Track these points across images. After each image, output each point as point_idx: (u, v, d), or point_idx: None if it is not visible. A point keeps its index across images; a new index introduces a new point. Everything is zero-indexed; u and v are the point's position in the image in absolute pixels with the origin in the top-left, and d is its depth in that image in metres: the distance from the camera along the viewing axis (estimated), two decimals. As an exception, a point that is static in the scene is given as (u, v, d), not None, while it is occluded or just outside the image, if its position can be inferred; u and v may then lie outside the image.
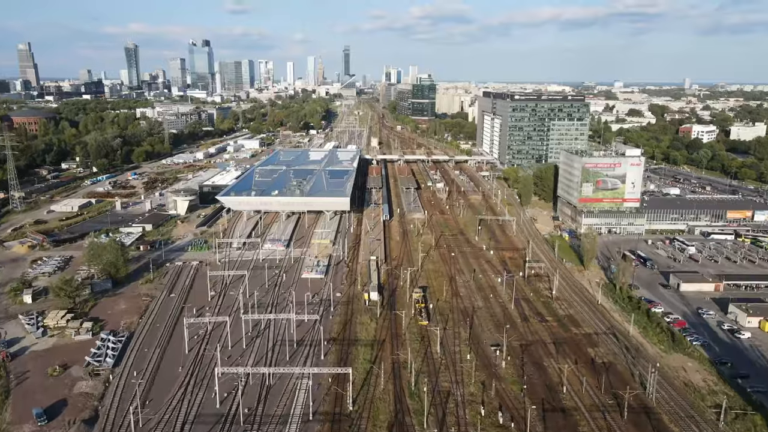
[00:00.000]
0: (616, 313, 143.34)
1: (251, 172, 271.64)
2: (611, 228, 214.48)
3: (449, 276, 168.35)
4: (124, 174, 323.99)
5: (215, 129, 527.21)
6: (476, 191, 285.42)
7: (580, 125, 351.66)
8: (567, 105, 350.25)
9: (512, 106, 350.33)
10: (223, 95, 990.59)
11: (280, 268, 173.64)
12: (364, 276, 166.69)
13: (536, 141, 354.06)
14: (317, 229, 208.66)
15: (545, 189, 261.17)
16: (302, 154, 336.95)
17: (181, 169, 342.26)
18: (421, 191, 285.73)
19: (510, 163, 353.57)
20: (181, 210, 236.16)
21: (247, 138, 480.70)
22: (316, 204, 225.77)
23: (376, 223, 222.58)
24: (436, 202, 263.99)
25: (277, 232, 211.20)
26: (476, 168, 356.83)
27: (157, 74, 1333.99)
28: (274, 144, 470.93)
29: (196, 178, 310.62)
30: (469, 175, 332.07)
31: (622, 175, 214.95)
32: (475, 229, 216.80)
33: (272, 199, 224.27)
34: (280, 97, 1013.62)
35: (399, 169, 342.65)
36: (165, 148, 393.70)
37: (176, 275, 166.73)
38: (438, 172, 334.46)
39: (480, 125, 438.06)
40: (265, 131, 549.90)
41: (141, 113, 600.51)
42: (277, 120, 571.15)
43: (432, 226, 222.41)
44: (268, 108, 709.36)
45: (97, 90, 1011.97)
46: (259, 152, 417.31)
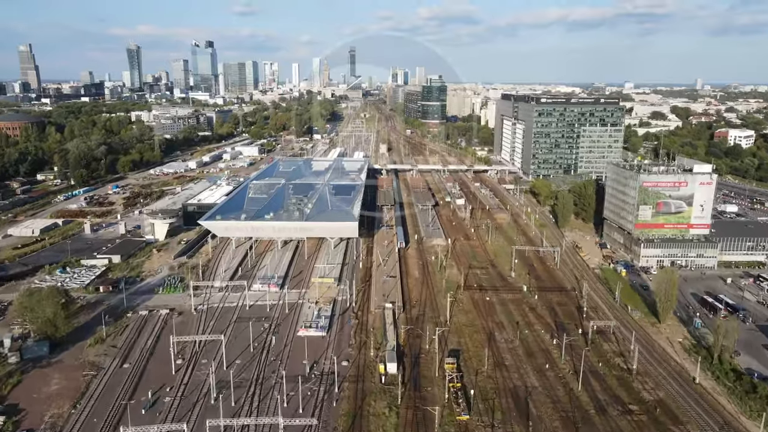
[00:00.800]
0: (723, 398, 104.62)
1: (244, 188, 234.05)
2: (675, 260, 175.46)
3: (487, 332, 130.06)
4: (105, 187, 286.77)
5: (213, 134, 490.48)
6: (502, 208, 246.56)
7: (614, 131, 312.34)
8: (600, 109, 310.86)
9: (538, 110, 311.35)
10: (225, 97, 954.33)
11: (270, 319, 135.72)
12: (378, 332, 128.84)
13: (564, 149, 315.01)
14: (318, 264, 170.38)
15: (585, 207, 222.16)
16: (304, 164, 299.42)
17: (169, 181, 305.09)
18: (439, 208, 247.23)
19: (535, 173, 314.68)
20: (159, 234, 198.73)
21: (247, 144, 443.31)
22: (318, 230, 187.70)
23: (390, 252, 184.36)
24: (458, 223, 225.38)
25: (270, 264, 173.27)
26: (498, 179, 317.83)
27: (160, 76, 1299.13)
28: (275, 150, 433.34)
29: (185, 191, 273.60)
30: (490, 187, 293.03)
31: (688, 197, 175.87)
32: (508, 260, 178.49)
33: (266, 224, 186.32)
34: (284, 99, 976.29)
35: (412, 181, 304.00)
36: (155, 156, 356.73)
37: (137, 331, 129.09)
38: (456, 184, 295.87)
39: (498, 130, 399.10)
40: (266, 136, 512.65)
41: (136, 117, 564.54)
42: (280, 124, 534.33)
43: (457, 256, 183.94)
44: (270, 111, 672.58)
45: (97, 92, 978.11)
46: (258, 160, 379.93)
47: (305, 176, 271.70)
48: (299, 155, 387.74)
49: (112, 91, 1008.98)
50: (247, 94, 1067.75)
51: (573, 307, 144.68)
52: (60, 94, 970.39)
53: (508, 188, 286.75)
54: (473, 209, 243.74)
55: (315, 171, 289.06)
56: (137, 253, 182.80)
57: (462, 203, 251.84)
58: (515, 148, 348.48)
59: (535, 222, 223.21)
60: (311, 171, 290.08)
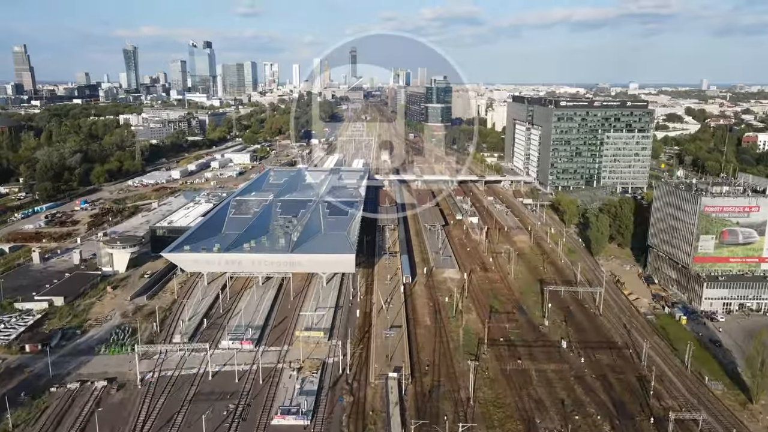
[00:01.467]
0: None
1: (225, 206, 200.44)
2: (745, 302, 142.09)
3: (524, 418, 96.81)
4: (73, 202, 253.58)
5: (204, 138, 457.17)
6: (522, 228, 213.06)
7: (641, 138, 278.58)
8: (626, 113, 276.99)
9: (558, 114, 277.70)
10: (222, 99, 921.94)
11: (238, 396, 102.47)
12: (377, 416, 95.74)
13: (586, 158, 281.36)
14: (305, 311, 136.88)
15: (622, 230, 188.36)
16: (297, 175, 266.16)
17: (147, 194, 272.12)
18: (449, 228, 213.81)
19: (553, 184, 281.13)
20: (119, 266, 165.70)
21: (238, 150, 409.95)
22: (307, 264, 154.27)
23: (394, 288, 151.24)
24: (472, 248, 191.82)
25: (247, 308, 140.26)
26: (513, 191, 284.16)
27: (158, 77, 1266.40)
28: (268, 157, 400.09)
29: (162, 206, 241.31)
30: (505, 202, 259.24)
31: (760, 224, 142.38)
32: (537, 299, 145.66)
33: (244, 257, 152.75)
34: (284, 100, 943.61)
35: (417, 193, 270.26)
36: (135, 165, 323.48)
37: (57, 419, 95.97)
38: (467, 198, 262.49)
39: (510, 136, 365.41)
40: (261, 141, 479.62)
41: (124, 120, 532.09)
42: (275, 128, 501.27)
43: (475, 295, 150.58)
44: (268, 113, 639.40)
45: (91, 94, 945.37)
46: (249, 169, 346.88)
47: (297, 190, 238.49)
48: (294, 163, 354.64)
49: (107, 93, 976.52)
50: (246, 96, 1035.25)
51: (632, 375, 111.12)
52: (53, 96, 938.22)
53: (525, 203, 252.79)
54: (489, 229, 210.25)
55: (309, 183, 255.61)
56: (88, 292, 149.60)
57: (475, 222, 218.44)
58: (530, 155, 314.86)
59: (563, 247, 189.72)
60: (304, 183, 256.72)
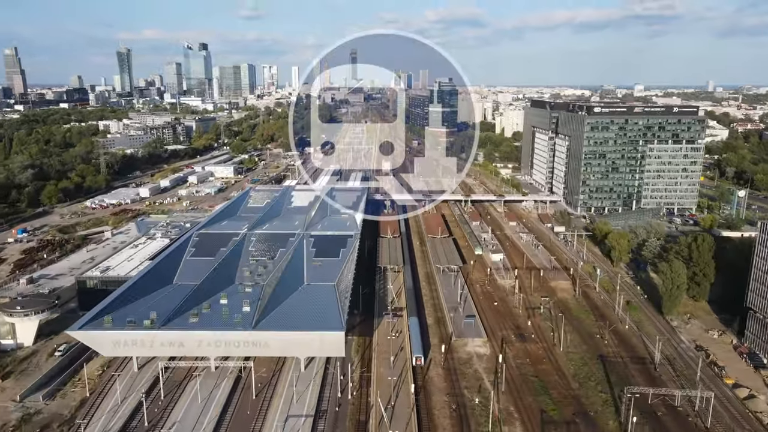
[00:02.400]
0: None
1: (184, 243, 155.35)
2: None
3: None
4: (10, 231, 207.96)
5: (187, 147, 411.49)
6: (559, 269, 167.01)
7: (691, 150, 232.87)
8: (672, 121, 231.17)
9: (591, 122, 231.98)
10: (216, 102, 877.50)
11: None
12: None
13: (624, 173, 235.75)
14: (270, 425, 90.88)
15: (697, 278, 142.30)
16: (281, 196, 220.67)
17: (105, 218, 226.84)
18: (467, 269, 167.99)
19: (584, 205, 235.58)
20: (24, 338, 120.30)
21: (223, 161, 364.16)
22: (276, 346, 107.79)
23: (401, 377, 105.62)
24: (501, 300, 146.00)
25: (187, 415, 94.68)
26: (538, 214, 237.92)
27: (153, 80, 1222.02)
28: (256, 169, 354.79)
29: (117, 236, 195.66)
30: (532, 229, 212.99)
31: None
32: (606, 400, 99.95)
33: (186, 336, 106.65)
34: (281, 103, 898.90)
35: (426, 219, 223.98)
36: (98, 182, 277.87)
37: None
38: (484, 223, 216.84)
39: (527, 145, 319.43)
40: (251, 149, 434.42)
41: (104, 127, 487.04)
42: (267, 134, 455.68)
43: (515, 388, 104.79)
44: (262, 118, 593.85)
45: (81, 98, 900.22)
46: (232, 184, 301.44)
47: (279, 217, 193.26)
48: (283, 178, 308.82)
49: (98, 97, 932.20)
50: (242, 99, 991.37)
51: None
52: (42, 101, 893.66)
53: (557, 231, 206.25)
54: (517, 270, 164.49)
55: (295, 207, 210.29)
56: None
57: (500, 260, 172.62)
58: (555, 169, 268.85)
59: (619, 298, 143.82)
60: (289, 207, 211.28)
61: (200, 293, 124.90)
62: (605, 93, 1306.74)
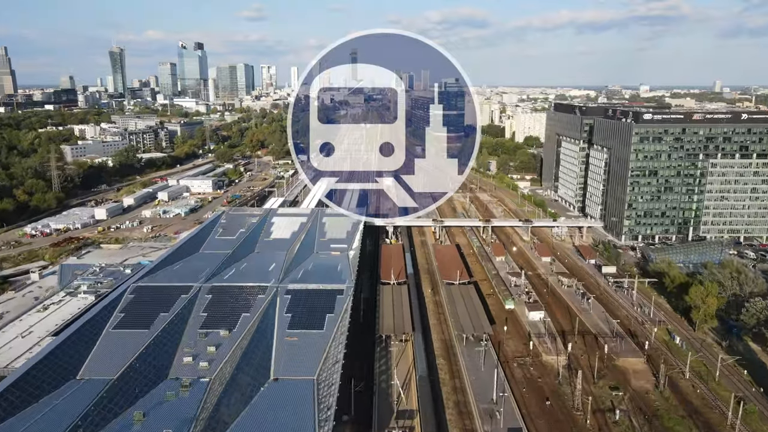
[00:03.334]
0: None
1: (112, 303, 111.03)
2: None
3: None
4: None
5: (166, 156, 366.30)
6: (624, 337, 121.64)
7: (763, 165, 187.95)
8: (741, 130, 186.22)
9: (640, 132, 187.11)
10: (209, 104, 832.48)
11: None
12: None
13: (680, 194, 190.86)
14: None
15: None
16: (258, 225, 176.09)
17: (42, 250, 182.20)
18: (498, 336, 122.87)
19: (630, 232, 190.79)
20: None
21: (203, 172, 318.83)
22: None
23: None
24: (553, 397, 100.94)
25: None
26: (571, 241, 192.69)
27: (147, 81, 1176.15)
28: (240, 182, 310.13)
29: (45, 279, 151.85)
30: (571, 268, 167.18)
31: None
32: None
33: None
34: (277, 105, 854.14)
35: (438, 252, 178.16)
36: (48, 200, 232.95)
37: None
38: (510, 258, 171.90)
39: (550, 155, 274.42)
40: (238, 156, 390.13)
41: (80, 132, 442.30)
42: (257, 140, 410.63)
43: None
44: (253, 122, 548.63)
45: (69, 99, 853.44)
46: (209, 201, 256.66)
47: (251, 256, 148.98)
48: (268, 194, 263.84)
49: (87, 98, 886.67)
50: (238, 100, 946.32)
51: None
52: (28, 102, 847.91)
53: (606, 273, 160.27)
54: (567, 338, 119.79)
55: (274, 240, 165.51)
56: None
57: (540, 320, 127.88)
58: (589, 186, 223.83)
59: (723, 390, 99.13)
60: (268, 239, 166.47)
61: (109, 402, 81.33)
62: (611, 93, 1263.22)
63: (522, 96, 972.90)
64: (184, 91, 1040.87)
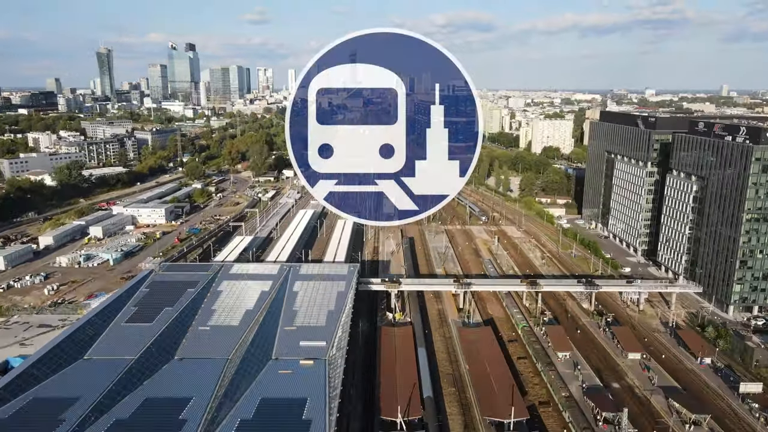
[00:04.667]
0: None
1: None
2: None
3: None
4: None
5: (125, 172, 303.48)
6: None
7: None
8: None
9: (764, 158, 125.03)
10: (198, 108, 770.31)
11: None
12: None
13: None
14: None
15: None
16: (196, 301, 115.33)
17: None
18: None
19: (741, 301, 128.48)
20: None
21: (164, 194, 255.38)
22: None
23: None
24: None
25: None
26: (651, 310, 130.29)
27: (138, 83, 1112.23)
28: (206, 208, 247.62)
29: None
30: (673, 372, 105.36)
31: None
32: None
33: None
34: (271, 109, 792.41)
35: (465, 345, 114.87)
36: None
37: None
38: (580, 356, 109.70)
39: (597, 179, 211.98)
40: (213, 171, 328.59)
41: (34, 141, 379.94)
42: (237, 151, 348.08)
43: None
44: (237, 129, 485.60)
45: (47, 101, 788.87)
46: (158, 238, 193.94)
47: (167, 369, 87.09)
48: (233, 230, 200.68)
49: (69, 101, 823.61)
50: (230, 104, 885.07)
51: None
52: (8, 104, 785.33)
53: (745, 392, 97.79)
54: None
55: (211, 332, 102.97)
56: None
57: None
58: (665, 227, 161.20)
59: None
60: (200, 333, 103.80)
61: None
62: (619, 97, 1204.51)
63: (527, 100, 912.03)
64: (174, 94, 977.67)
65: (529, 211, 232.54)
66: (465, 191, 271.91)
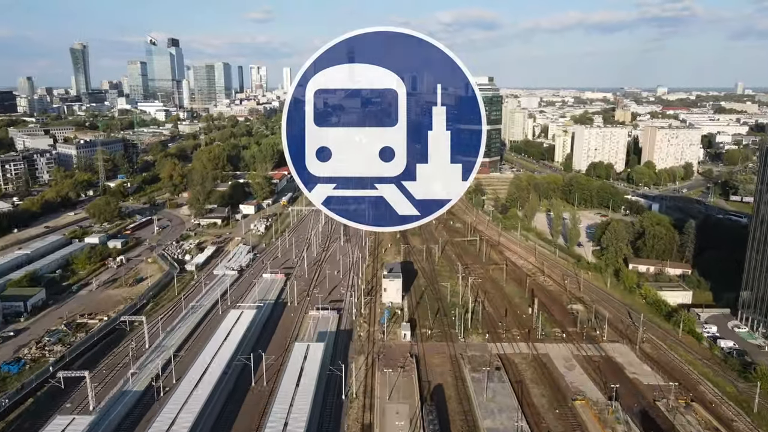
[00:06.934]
0: None
1: None
2: None
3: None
4: None
5: (10, 208, 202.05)
6: None
7: None
8: None
9: None
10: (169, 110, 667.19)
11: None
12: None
13: None
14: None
15: None
16: None
17: None
18: None
19: None
20: None
21: (45, 251, 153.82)
22: None
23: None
24: None
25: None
26: None
27: (119, 82, 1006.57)
28: (89, 286, 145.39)
29: None
30: None
31: None
32: None
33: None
34: (257, 111, 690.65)
35: None
36: None
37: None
38: None
39: None
40: (142, 205, 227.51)
41: None
42: (178, 175, 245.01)
43: None
44: (202, 138, 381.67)
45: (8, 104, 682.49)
46: None
47: None
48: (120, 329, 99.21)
49: (31, 102, 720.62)
50: (213, 105, 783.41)
51: None
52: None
53: None
54: None
55: None
56: None
57: None
58: None
59: None
60: None
61: None
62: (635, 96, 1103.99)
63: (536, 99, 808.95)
64: (153, 94, 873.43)
65: (594, 278, 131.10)
66: (509, 247, 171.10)
